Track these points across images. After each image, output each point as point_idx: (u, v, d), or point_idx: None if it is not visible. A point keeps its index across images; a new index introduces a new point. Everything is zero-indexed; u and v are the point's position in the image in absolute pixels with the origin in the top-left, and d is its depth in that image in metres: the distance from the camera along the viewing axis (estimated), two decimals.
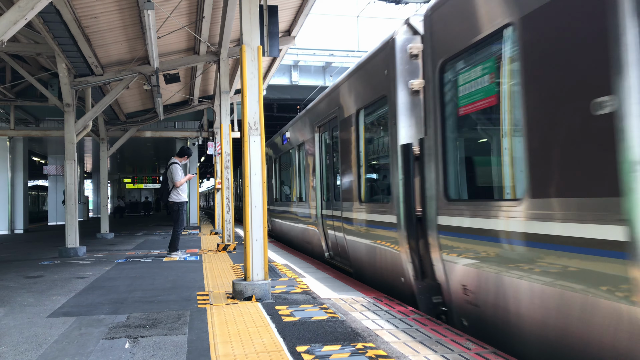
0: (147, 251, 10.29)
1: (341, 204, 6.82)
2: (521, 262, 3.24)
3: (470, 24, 3.78)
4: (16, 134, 16.18)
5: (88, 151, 25.34)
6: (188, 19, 9.88)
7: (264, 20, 6.74)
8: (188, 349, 3.47)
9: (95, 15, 8.43)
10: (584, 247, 2.72)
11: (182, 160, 9.32)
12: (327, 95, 7.52)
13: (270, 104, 22.63)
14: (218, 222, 14.33)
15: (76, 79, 10.04)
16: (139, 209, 40.49)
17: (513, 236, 3.31)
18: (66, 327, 4.17)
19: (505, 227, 3.39)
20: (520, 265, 3.25)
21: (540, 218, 3.06)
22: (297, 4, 10.21)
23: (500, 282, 3.47)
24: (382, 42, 5.29)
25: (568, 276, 2.84)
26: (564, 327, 2.93)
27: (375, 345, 3.45)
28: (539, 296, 3.09)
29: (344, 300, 4.97)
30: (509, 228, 3.35)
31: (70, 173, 9.77)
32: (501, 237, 3.44)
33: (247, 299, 5.00)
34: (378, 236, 5.47)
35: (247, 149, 5.11)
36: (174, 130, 18.51)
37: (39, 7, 5.26)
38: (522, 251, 3.23)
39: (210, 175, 51.59)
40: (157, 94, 11.81)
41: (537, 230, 3.09)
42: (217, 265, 7.87)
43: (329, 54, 20.46)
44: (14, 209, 17.91)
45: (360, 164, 6.08)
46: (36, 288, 6.11)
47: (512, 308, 3.39)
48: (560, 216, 2.89)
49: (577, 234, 2.77)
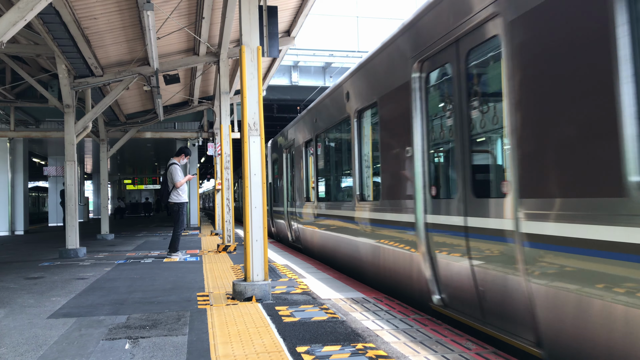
0: (148, 252, 10.29)
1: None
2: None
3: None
4: (16, 135, 16.18)
5: (88, 152, 25.33)
6: (187, 20, 9.89)
7: (263, 21, 6.75)
8: (188, 350, 3.47)
9: (94, 16, 8.43)
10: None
11: (180, 160, 9.31)
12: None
13: (270, 104, 22.62)
14: (218, 223, 14.33)
15: (76, 80, 10.04)
16: (139, 210, 40.51)
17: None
18: (66, 328, 4.17)
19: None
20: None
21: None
22: (297, 4, 10.21)
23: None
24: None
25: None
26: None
27: (376, 346, 3.44)
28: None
29: (344, 301, 4.97)
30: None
31: (70, 174, 9.77)
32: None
33: (247, 300, 4.99)
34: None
35: (247, 150, 5.11)
36: (174, 131, 18.50)
37: (39, 8, 5.25)
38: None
39: (211, 176, 51.61)
40: (157, 94, 11.81)
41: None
42: (217, 265, 7.87)
43: (329, 55, 20.46)
44: (14, 210, 17.91)
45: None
46: (36, 289, 6.10)
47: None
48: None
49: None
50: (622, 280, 2.46)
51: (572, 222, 2.77)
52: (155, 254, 9.78)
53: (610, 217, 2.53)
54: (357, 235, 6.36)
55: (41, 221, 30.62)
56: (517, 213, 3.22)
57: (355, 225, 6.41)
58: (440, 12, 4.17)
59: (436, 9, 4.24)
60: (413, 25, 4.69)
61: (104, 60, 10.30)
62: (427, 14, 4.42)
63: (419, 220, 4.57)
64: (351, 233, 6.62)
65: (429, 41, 4.35)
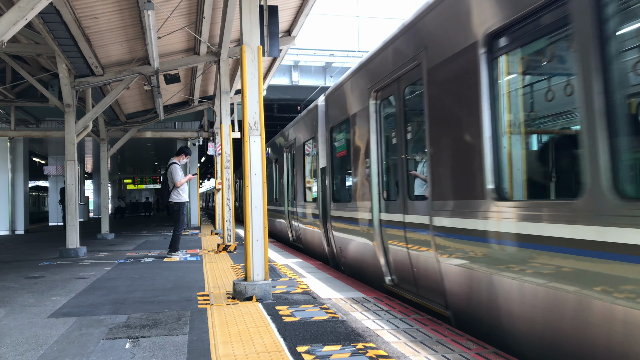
0: (148, 251, 10.29)
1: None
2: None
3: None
4: (17, 135, 16.18)
5: (88, 152, 25.33)
6: (188, 20, 9.88)
7: (264, 21, 6.73)
8: (188, 349, 3.47)
9: (95, 15, 8.43)
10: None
11: (180, 159, 9.31)
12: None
13: (271, 104, 22.62)
14: (218, 223, 14.33)
15: (76, 79, 10.04)
16: (140, 210, 40.48)
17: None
18: (66, 327, 4.17)
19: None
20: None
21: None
22: (297, 4, 10.20)
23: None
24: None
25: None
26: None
27: (376, 345, 3.44)
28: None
29: (344, 300, 4.96)
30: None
31: (70, 174, 9.77)
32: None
33: (248, 299, 4.99)
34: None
35: (247, 149, 5.10)
36: (174, 130, 18.51)
37: (39, 7, 5.25)
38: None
39: (211, 175, 51.57)
40: (158, 94, 11.81)
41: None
42: (217, 265, 7.87)
43: (329, 54, 20.43)
44: (14, 210, 17.91)
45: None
46: (37, 288, 6.10)
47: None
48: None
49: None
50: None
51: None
52: (156, 254, 9.78)
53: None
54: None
55: (41, 221, 30.62)
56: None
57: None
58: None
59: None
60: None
61: (105, 59, 10.30)
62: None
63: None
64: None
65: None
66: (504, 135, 3.55)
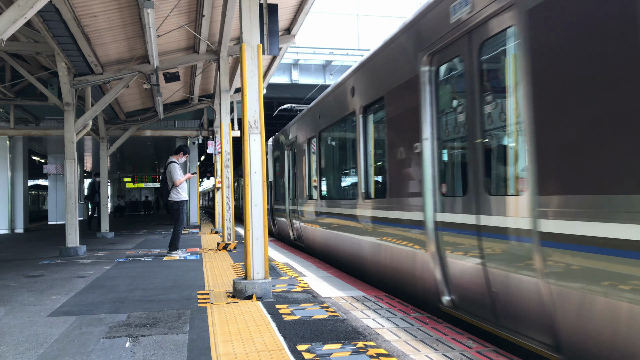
0: (148, 250, 10.29)
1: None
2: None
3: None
4: (16, 133, 16.15)
5: (88, 150, 25.32)
6: (188, 18, 9.86)
7: (263, 19, 6.72)
8: (189, 348, 3.46)
9: (94, 13, 8.42)
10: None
11: (179, 158, 9.30)
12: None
13: (270, 102, 22.60)
14: (218, 221, 14.32)
15: (76, 78, 10.02)
16: (139, 208, 40.48)
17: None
18: (66, 326, 4.17)
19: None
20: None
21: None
22: (297, 2, 10.18)
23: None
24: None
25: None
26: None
27: (376, 344, 3.44)
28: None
29: (344, 299, 4.96)
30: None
31: (70, 172, 9.76)
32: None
33: (248, 298, 4.99)
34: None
35: (247, 148, 5.10)
36: (174, 129, 18.49)
37: (39, 5, 5.24)
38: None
39: (211, 174, 51.61)
40: (157, 92, 11.79)
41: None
42: (217, 264, 7.87)
43: (329, 53, 20.39)
44: (14, 209, 17.90)
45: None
46: (36, 287, 6.10)
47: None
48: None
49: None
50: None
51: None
52: (156, 252, 9.78)
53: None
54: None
55: (41, 219, 30.61)
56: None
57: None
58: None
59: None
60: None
61: (104, 58, 10.28)
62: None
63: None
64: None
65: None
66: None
